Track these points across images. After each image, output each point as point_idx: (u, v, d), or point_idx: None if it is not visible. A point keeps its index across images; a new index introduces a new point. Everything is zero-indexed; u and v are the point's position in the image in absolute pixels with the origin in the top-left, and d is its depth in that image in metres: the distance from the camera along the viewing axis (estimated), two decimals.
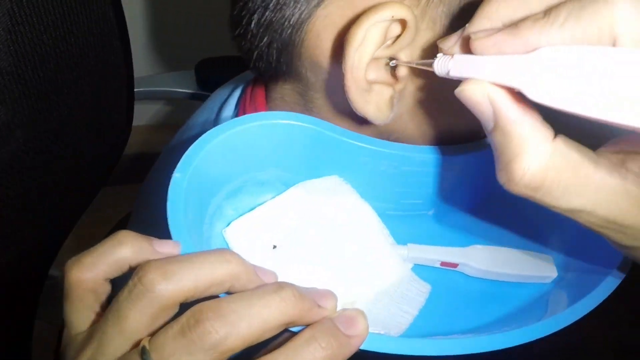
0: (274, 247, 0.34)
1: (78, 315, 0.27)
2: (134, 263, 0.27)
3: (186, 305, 0.25)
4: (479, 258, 0.36)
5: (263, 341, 0.26)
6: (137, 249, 0.27)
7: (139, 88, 0.79)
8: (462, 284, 0.36)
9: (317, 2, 0.32)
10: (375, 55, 0.31)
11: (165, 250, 0.28)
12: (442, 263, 0.36)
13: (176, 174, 0.31)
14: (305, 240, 0.34)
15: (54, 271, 0.61)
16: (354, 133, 0.34)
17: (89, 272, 0.27)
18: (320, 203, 0.35)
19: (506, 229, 0.38)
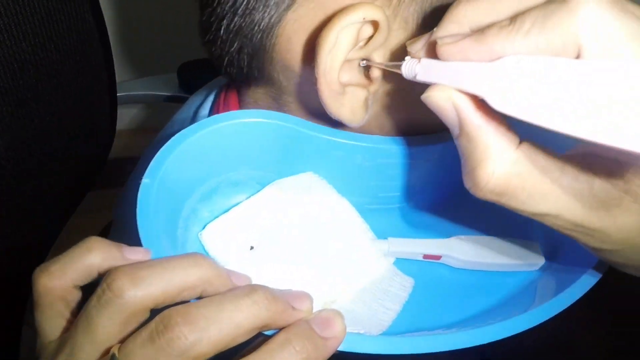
0: (252, 248, 0.33)
1: (49, 323, 0.27)
2: (103, 270, 0.27)
3: (158, 310, 0.25)
4: (463, 249, 0.35)
5: (237, 345, 0.25)
6: (107, 256, 0.27)
7: (122, 92, 0.79)
8: (446, 276, 0.36)
9: (287, 6, 0.31)
10: (347, 57, 0.31)
11: (135, 257, 0.27)
12: (425, 256, 0.35)
13: (145, 180, 0.30)
14: (282, 239, 0.34)
15: None
16: (327, 128, 0.33)
17: (57, 280, 0.26)
18: (296, 200, 0.34)
19: (490, 217, 0.37)
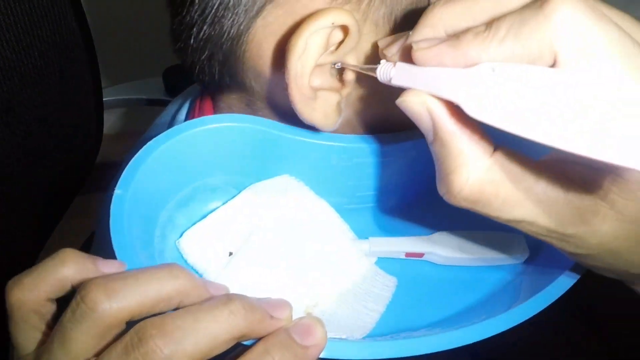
0: (230, 254, 0.33)
1: (24, 336, 0.26)
2: (77, 282, 0.26)
3: (134, 322, 0.24)
4: (445, 245, 0.35)
5: (214, 357, 0.25)
6: (80, 268, 0.26)
7: (107, 97, 0.79)
8: (430, 274, 0.35)
9: (256, 13, 0.31)
10: (319, 62, 0.30)
11: (109, 270, 0.27)
12: (407, 254, 0.35)
13: (117, 191, 0.30)
14: (261, 243, 0.33)
15: None
16: (300, 129, 0.33)
17: (30, 293, 0.26)
18: (273, 204, 0.34)
19: (472, 212, 0.37)
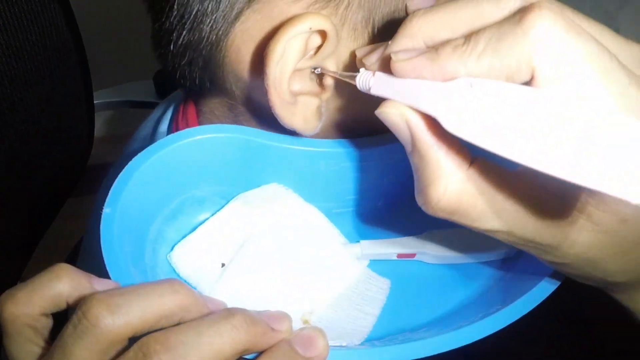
0: (223, 265, 0.33)
1: (20, 349, 0.26)
2: (72, 300, 0.26)
3: (135, 338, 0.24)
4: (436, 244, 0.35)
5: None
6: (76, 284, 0.26)
7: (98, 99, 0.79)
8: (423, 273, 0.35)
9: (234, 18, 0.31)
10: (297, 66, 0.30)
11: (103, 289, 0.26)
12: (399, 255, 0.35)
13: (106, 209, 0.30)
14: (253, 253, 0.33)
15: None
16: (286, 136, 0.33)
17: (24, 307, 0.25)
18: (262, 212, 0.34)
19: None
